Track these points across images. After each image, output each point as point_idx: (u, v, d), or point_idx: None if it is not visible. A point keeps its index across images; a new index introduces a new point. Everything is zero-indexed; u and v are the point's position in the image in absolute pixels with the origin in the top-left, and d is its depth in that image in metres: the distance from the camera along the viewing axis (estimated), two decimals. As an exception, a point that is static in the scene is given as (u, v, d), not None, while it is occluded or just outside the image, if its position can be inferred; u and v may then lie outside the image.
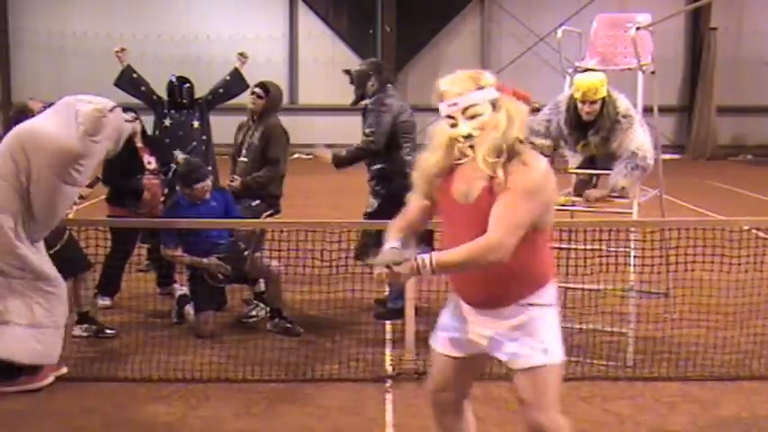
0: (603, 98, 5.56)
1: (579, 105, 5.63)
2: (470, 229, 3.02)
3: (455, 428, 3.48)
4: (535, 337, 3.17)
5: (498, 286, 3.13)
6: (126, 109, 6.83)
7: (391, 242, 3.20)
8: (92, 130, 4.81)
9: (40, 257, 4.95)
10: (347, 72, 6.74)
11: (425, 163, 3.22)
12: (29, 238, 4.88)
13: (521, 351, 3.17)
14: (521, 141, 3.05)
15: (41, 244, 5.02)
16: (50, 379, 5.06)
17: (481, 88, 3.07)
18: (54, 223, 5.05)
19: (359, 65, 6.76)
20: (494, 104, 3.07)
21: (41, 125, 4.89)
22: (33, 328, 4.87)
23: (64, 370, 5.19)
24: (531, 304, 3.16)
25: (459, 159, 3.12)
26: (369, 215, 6.37)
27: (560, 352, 3.25)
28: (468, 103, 3.04)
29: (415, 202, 3.35)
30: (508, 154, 3.01)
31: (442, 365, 3.38)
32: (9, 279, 4.84)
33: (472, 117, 3.04)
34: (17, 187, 4.78)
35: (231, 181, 6.69)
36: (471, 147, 3.05)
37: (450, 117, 3.08)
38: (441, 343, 3.39)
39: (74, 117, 4.83)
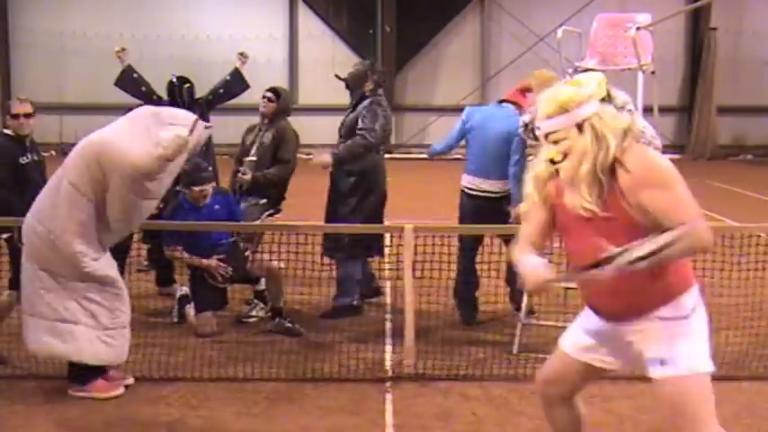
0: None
1: None
2: (594, 242, 2.92)
3: (564, 421, 3.44)
4: (655, 347, 3.08)
5: (628, 297, 3.03)
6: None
7: (534, 257, 3.10)
8: (172, 156, 4.70)
9: (103, 263, 4.88)
10: (340, 78, 6.76)
11: (537, 172, 3.14)
12: (99, 249, 4.83)
13: (646, 362, 3.11)
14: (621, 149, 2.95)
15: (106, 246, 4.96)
16: (120, 390, 5.00)
17: (566, 112, 2.96)
18: (126, 233, 5.02)
19: (353, 66, 6.81)
20: (579, 127, 2.97)
21: (118, 140, 4.75)
22: (99, 330, 4.83)
23: (130, 380, 5.13)
24: (660, 318, 3.06)
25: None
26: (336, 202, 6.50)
27: (689, 361, 3.11)
28: (548, 129, 3.00)
29: (533, 216, 3.22)
30: (612, 167, 2.94)
31: (560, 363, 3.35)
32: (73, 283, 4.80)
33: (555, 143, 2.99)
34: (90, 198, 4.71)
35: (243, 174, 6.71)
36: (559, 170, 3.00)
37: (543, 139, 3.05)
38: (570, 342, 3.34)
39: (152, 136, 4.72)
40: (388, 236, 6.87)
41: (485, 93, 20.92)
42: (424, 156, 8.54)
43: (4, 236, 5.52)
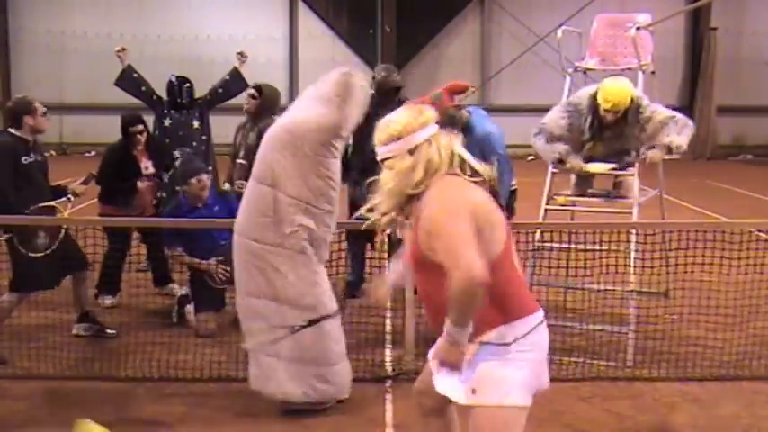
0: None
1: (603, 113, 5.65)
2: (415, 268, 3.01)
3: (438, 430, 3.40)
4: (469, 372, 2.95)
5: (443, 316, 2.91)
6: (131, 117, 6.85)
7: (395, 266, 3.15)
8: (344, 94, 4.61)
9: (321, 289, 4.74)
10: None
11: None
12: (321, 256, 4.74)
13: (454, 385, 3.01)
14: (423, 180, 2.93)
15: (323, 274, 4.79)
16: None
17: (396, 139, 2.95)
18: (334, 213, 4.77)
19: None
20: (411, 152, 2.95)
21: (294, 117, 4.71)
22: (300, 364, 4.67)
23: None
24: (481, 342, 2.93)
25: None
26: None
27: (500, 392, 2.93)
28: (383, 156, 2.99)
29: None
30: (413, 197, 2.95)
31: (429, 374, 3.27)
32: (282, 307, 4.65)
33: (390, 168, 2.98)
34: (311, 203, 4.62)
35: (240, 187, 6.69)
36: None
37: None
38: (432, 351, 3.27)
39: (320, 94, 4.66)
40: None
41: (485, 93, 20.93)
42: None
43: (5, 236, 5.51)
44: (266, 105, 6.84)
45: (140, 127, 6.77)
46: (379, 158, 3.01)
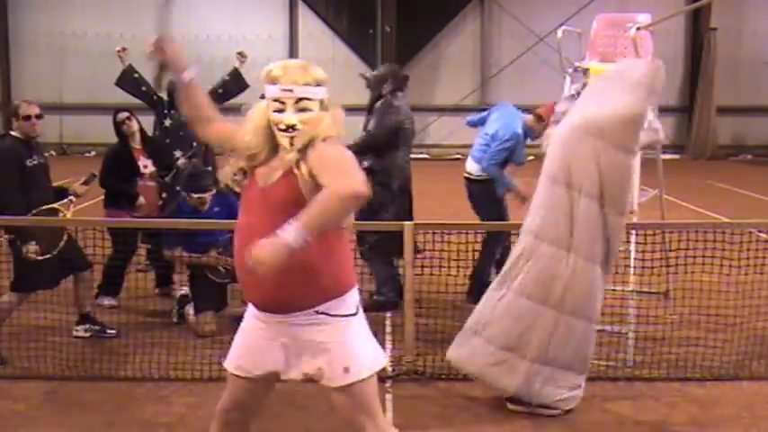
0: None
1: None
2: (264, 216, 2.93)
3: None
4: (335, 353, 3.03)
5: (291, 287, 2.96)
6: (120, 109, 6.89)
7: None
8: (652, 85, 4.53)
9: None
10: (365, 76, 7.02)
11: (245, 143, 3.10)
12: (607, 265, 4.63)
13: (324, 368, 3.05)
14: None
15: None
16: None
17: (319, 85, 3.00)
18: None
19: (377, 69, 7.08)
20: (322, 103, 3.01)
21: (588, 112, 4.57)
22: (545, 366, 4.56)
23: None
24: (328, 314, 3.01)
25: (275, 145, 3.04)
26: None
27: (368, 361, 3.09)
28: (303, 94, 2.97)
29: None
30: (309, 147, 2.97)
31: (235, 387, 3.23)
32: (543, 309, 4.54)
33: (302, 110, 2.97)
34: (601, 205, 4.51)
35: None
36: (291, 138, 2.97)
37: (279, 102, 2.98)
38: (233, 363, 3.23)
39: (626, 81, 4.55)
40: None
41: (485, 93, 20.94)
42: (425, 155, 8.57)
43: (6, 236, 5.51)
44: None
45: (125, 113, 6.83)
46: (292, 97, 2.95)
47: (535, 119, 6.85)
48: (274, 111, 2.99)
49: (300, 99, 2.97)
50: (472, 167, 7.02)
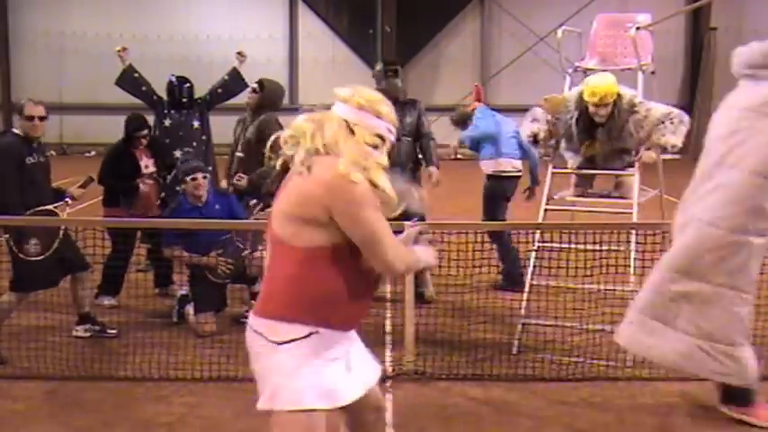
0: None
1: (593, 109, 5.66)
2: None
3: None
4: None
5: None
6: (137, 123, 6.85)
7: None
8: None
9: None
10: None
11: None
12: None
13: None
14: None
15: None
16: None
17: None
18: None
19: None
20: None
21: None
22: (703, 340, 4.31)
23: None
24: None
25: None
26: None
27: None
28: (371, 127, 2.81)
29: None
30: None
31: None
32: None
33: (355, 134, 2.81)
34: None
35: (238, 180, 6.71)
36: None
37: (381, 139, 2.80)
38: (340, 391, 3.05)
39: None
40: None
41: (485, 93, 20.95)
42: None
43: (5, 236, 5.51)
44: (267, 101, 6.91)
45: (145, 132, 6.82)
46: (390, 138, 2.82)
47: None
48: (373, 148, 2.77)
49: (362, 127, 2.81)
50: (513, 165, 7.36)
